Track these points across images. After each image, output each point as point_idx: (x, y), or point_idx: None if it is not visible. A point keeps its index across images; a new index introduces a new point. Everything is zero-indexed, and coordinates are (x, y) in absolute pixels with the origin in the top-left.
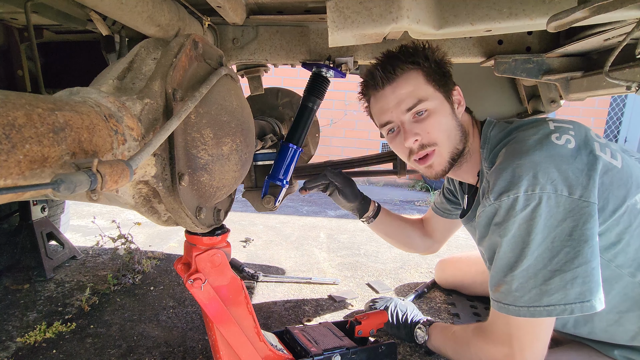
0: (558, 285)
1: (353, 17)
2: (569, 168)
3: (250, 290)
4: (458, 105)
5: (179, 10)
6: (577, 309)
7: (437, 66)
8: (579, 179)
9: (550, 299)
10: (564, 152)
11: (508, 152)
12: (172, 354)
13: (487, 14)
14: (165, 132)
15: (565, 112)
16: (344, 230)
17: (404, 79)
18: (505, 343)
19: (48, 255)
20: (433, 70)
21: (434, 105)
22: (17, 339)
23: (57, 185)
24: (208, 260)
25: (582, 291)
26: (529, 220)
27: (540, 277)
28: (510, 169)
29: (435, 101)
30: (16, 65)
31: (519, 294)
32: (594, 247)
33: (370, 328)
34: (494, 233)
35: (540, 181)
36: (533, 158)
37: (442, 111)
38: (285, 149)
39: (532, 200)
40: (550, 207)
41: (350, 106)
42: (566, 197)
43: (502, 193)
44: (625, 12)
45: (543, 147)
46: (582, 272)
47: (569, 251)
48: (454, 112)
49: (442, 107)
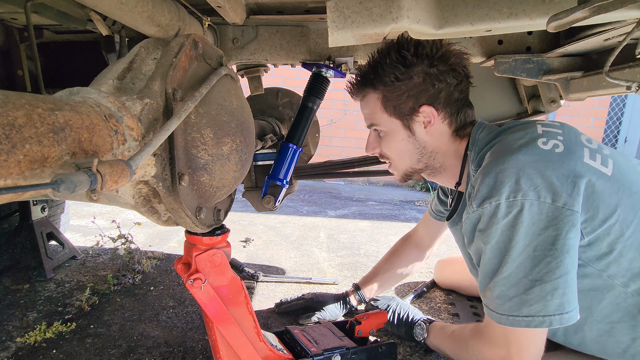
0: (538, 296)
1: (353, 17)
2: (554, 174)
3: (250, 290)
4: (426, 125)
5: (179, 10)
6: (555, 321)
7: (404, 89)
8: (563, 185)
9: (530, 309)
10: (550, 157)
11: (492, 156)
12: (172, 354)
13: (487, 14)
14: (165, 132)
15: (565, 112)
16: (344, 230)
17: (365, 101)
18: (502, 346)
19: (48, 255)
20: (396, 94)
21: (387, 130)
22: (17, 339)
23: (57, 185)
24: (208, 260)
25: (561, 302)
26: (511, 227)
27: (521, 286)
28: (493, 174)
29: (388, 126)
30: (16, 65)
31: (500, 301)
32: (574, 256)
33: (370, 328)
34: (479, 239)
35: (523, 187)
36: (516, 163)
37: (394, 136)
38: (285, 149)
39: (514, 207)
40: (532, 215)
41: (350, 106)
42: (549, 205)
43: (484, 199)
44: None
45: (528, 152)
46: (562, 283)
47: (550, 261)
48: (412, 136)
49: (395, 132)
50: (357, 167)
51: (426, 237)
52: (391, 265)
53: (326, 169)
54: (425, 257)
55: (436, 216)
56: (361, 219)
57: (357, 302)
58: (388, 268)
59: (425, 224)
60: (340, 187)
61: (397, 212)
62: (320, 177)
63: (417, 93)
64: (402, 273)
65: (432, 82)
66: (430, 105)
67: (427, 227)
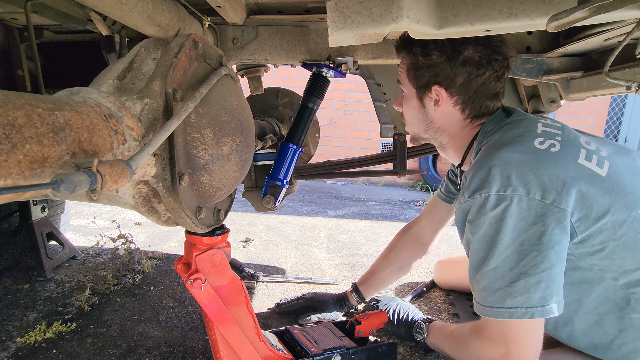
0: (522, 288)
1: (353, 17)
2: (546, 173)
3: (250, 290)
4: (435, 104)
5: (179, 10)
6: (537, 312)
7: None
8: (554, 184)
9: (513, 301)
10: (544, 157)
11: (488, 149)
12: (172, 354)
13: (487, 14)
14: (165, 132)
15: (566, 112)
16: (344, 230)
17: (401, 59)
18: (500, 343)
19: (48, 255)
20: (418, 65)
21: (406, 93)
22: (17, 339)
23: (57, 185)
24: (208, 260)
25: (544, 295)
26: (499, 220)
27: (507, 278)
28: (487, 167)
29: (407, 90)
30: (16, 65)
31: (485, 293)
32: (559, 252)
33: (370, 328)
34: (468, 230)
35: (514, 183)
36: (510, 159)
37: (409, 102)
38: (285, 149)
39: (503, 200)
40: (521, 210)
41: (350, 106)
42: (538, 201)
43: (475, 191)
44: (625, 12)
45: (523, 149)
46: (546, 277)
47: (536, 255)
48: (422, 108)
49: (410, 98)
50: (357, 167)
51: (428, 229)
52: (389, 262)
53: (326, 169)
54: (426, 252)
55: (446, 197)
56: (361, 219)
57: (356, 303)
58: (386, 266)
59: (429, 214)
60: (340, 187)
61: (397, 212)
62: (320, 177)
63: (435, 71)
64: (401, 270)
65: (451, 65)
66: (443, 87)
67: (430, 217)
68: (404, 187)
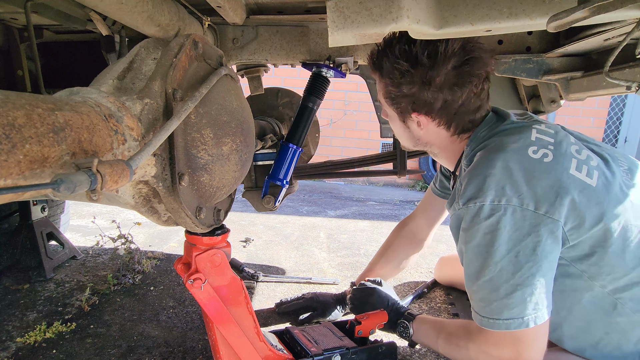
0: (519, 299)
1: (353, 17)
2: (539, 184)
3: (250, 290)
4: (418, 125)
5: (179, 10)
6: (531, 320)
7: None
8: (547, 195)
9: (510, 312)
10: (537, 167)
11: (483, 157)
12: (172, 354)
13: (487, 14)
14: (165, 132)
15: (565, 112)
16: (344, 230)
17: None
18: (509, 345)
19: (48, 255)
20: (392, 95)
21: (388, 113)
22: (17, 339)
23: (57, 185)
24: (208, 260)
25: (537, 302)
26: (493, 230)
27: (503, 290)
28: (482, 176)
29: (388, 112)
30: (16, 65)
31: (483, 304)
32: (551, 261)
33: (370, 328)
34: (461, 238)
35: (508, 193)
36: (505, 169)
37: (392, 121)
38: (285, 149)
39: (497, 210)
40: (515, 220)
41: (350, 106)
42: (532, 212)
43: (470, 199)
44: (625, 12)
45: (517, 159)
46: (539, 285)
47: (531, 266)
48: (407, 128)
49: (393, 119)
50: (357, 167)
51: (424, 225)
52: (387, 260)
53: (326, 169)
54: (422, 247)
55: (440, 193)
56: (361, 219)
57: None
58: (384, 264)
59: (424, 210)
60: (340, 187)
61: (397, 212)
62: (320, 177)
63: (411, 99)
64: (399, 267)
65: (425, 93)
66: (422, 113)
67: (425, 213)
68: (404, 187)
